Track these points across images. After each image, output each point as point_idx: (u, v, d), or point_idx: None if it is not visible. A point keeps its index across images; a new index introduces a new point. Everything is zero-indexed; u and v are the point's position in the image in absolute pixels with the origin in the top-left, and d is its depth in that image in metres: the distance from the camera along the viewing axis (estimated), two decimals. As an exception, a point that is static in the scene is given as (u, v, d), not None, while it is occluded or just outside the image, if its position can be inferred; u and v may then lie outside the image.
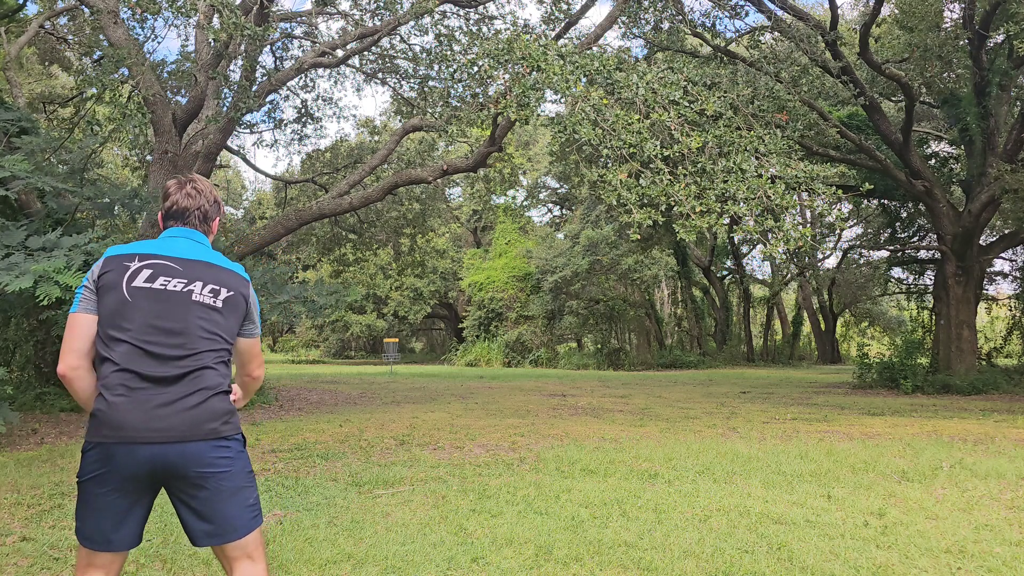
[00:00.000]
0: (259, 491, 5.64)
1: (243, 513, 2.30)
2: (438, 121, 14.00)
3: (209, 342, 2.29)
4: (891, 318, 38.71)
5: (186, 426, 2.19)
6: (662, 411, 11.40)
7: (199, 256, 2.40)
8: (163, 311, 2.25)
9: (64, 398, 10.72)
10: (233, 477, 2.27)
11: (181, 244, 2.41)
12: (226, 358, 2.36)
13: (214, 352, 2.30)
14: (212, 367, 2.28)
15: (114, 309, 2.23)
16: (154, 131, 12.65)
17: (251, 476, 2.37)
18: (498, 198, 33.05)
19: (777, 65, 13.47)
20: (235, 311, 2.40)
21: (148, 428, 2.15)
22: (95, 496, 2.19)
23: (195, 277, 2.33)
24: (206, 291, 2.33)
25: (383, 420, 9.98)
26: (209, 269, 2.38)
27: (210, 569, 3.91)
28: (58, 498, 5.39)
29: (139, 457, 2.14)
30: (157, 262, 2.31)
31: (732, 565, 3.91)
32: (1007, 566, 3.96)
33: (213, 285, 2.35)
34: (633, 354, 29.65)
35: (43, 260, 6.85)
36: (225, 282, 2.39)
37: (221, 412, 2.27)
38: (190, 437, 2.19)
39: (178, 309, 2.27)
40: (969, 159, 16.56)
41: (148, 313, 2.23)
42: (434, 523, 4.70)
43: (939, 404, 12.75)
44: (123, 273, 2.27)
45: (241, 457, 2.33)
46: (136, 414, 2.15)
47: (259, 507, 2.37)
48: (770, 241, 8.13)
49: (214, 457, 2.23)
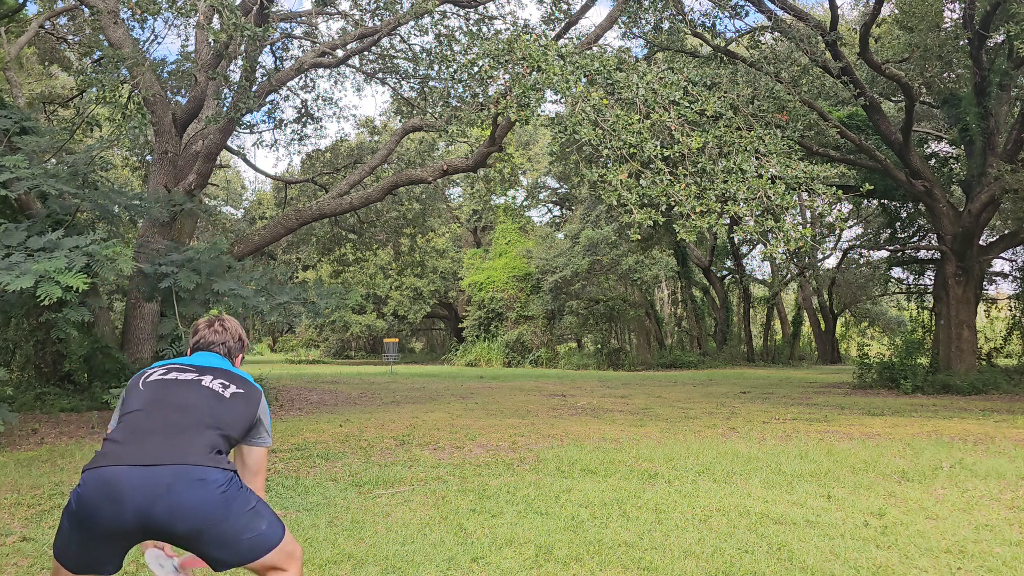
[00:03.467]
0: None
1: (263, 526, 2.35)
2: (438, 121, 14.01)
3: (211, 421, 2.35)
4: (891, 318, 38.70)
5: (167, 477, 2.27)
6: (662, 411, 11.40)
7: (217, 364, 2.60)
8: (172, 392, 2.40)
9: (64, 398, 10.73)
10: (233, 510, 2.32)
11: (203, 357, 2.64)
12: (221, 447, 2.34)
13: (213, 431, 2.33)
14: (203, 446, 2.28)
15: (127, 400, 2.42)
16: (154, 131, 12.65)
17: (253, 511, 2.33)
18: (498, 198, 33.04)
19: (777, 65, 13.46)
20: (243, 407, 2.46)
21: (136, 485, 2.24)
22: (73, 543, 2.34)
23: (206, 373, 2.50)
24: (215, 382, 2.46)
25: (383, 420, 9.98)
26: (224, 372, 2.54)
27: (210, 569, 3.90)
28: (58, 498, 5.38)
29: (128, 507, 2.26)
30: (174, 366, 2.54)
31: (732, 565, 3.91)
32: (1007, 566, 3.96)
33: (223, 380, 2.49)
34: (633, 354, 29.64)
35: (44, 260, 6.85)
36: (237, 382, 2.51)
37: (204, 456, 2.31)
38: (175, 475, 2.29)
39: (186, 391, 2.41)
40: (969, 159, 16.55)
41: (157, 392, 2.40)
42: (434, 523, 4.70)
43: (939, 404, 12.75)
44: (140, 376, 2.49)
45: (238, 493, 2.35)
46: (127, 478, 2.24)
47: (270, 528, 2.36)
48: (770, 241, 8.13)
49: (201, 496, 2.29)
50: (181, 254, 9.48)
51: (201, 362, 2.58)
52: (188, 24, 14.89)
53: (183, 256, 9.42)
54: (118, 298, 12.55)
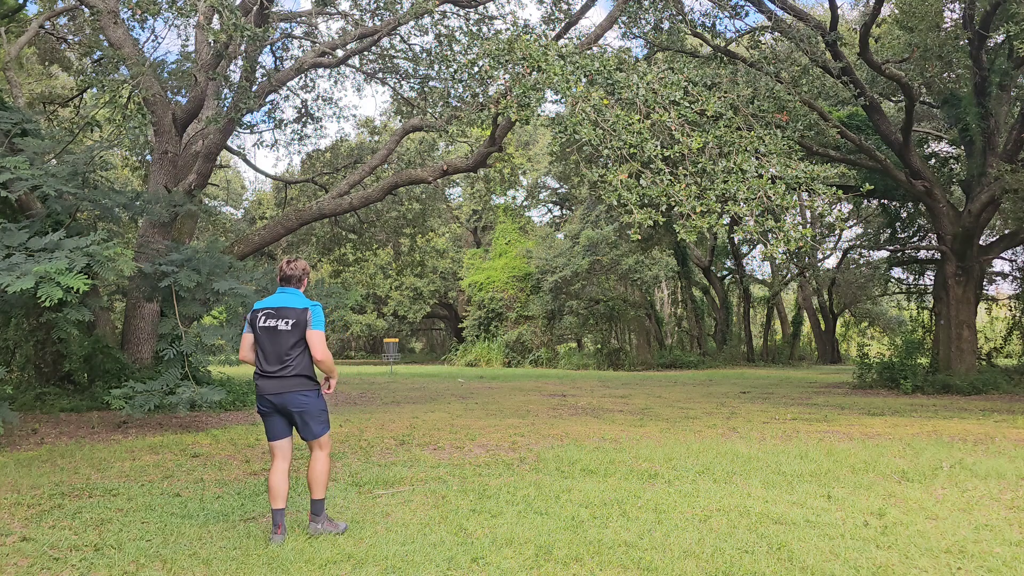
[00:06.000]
0: (259, 491, 5.60)
1: (317, 427, 4.53)
2: (438, 121, 14.01)
3: (291, 348, 4.41)
4: (891, 318, 38.67)
5: (285, 388, 4.40)
6: (662, 411, 11.40)
7: (285, 304, 4.47)
8: (270, 339, 4.44)
9: (64, 398, 10.73)
10: (311, 409, 4.48)
11: (278, 298, 4.53)
12: (300, 351, 4.44)
13: (294, 351, 4.42)
14: (295, 362, 4.42)
15: (256, 336, 4.51)
16: (154, 131, 12.64)
17: (323, 412, 4.54)
18: (498, 198, 33.04)
19: (777, 65, 13.46)
20: (298, 327, 4.42)
21: (272, 392, 4.41)
22: (265, 418, 4.53)
23: (281, 316, 4.44)
24: (282, 323, 4.43)
25: (383, 420, 9.98)
26: (288, 310, 4.44)
27: (210, 569, 3.91)
28: (58, 498, 5.39)
29: (271, 401, 4.44)
30: (266, 310, 4.49)
31: (732, 565, 3.91)
32: (1007, 566, 3.96)
33: (287, 319, 4.42)
34: (633, 354, 29.63)
35: (44, 261, 6.84)
36: (291, 315, 4.42)
37: (299, 382, 4.43)
38: (288, 390, 4.40)
39: (275, 336, 4.43)
40: (969, 159, 16.55)
41: (264, 340, 4.46)
42: (434, 523, 4.70)
43: (939, 404, 12.75)
44: (255, 320, 4.51)
45: (317, 401, 4.49)
46: (267, 386, 4.42)
47: (327, 425, 4.58)
48: (770, 241, 8.12)
49: (300, 400, 4.42)
50: (181, 254, 9.48)
51: (279, 303, 4.46)
52: (188, 24, 14.89)
53: (183, 256, 9.41)
54: (118, 298, 12.54)
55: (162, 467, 6.62)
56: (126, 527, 4.67)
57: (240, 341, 4.66)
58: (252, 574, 3.82)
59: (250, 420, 10.11)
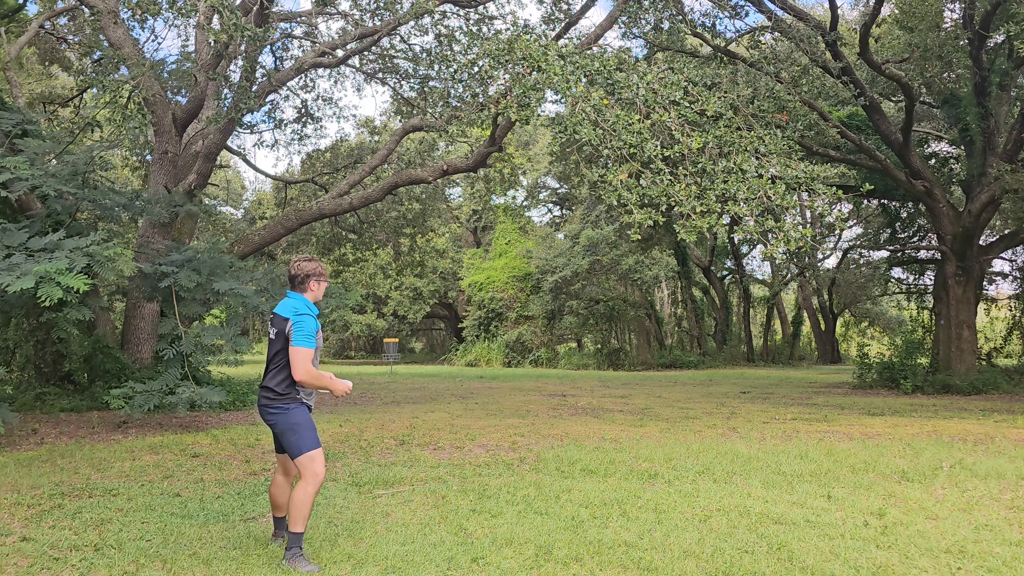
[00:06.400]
0: (259, 491, 5.60)
1: (290, 445, 4.04)
2: (438, 121, 14.01)
3: (274, 358, 4.12)
4: (891, 318, 38.65)
5: (259, 399, 4.15)
6: (662, 411, 11.40)
7: (278, 309, 4.14)
8: (268, 345, 4.22)
9: (64, 398, 10.73)
10: (279, 425, 4.07)
11: (281, 302, 4.23)
12: (280, 364, 4.09)
13: (274, 361, 4.11)
14: (271, 373, 4.12)
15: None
16: (154, 131, 12.64)
17: (294, 427, 4.04)
18: (498, 198, 33.03)
19: (777, 65, 13.45)
20: (280, 337, 4.08)
21: (258, 403, 4.20)
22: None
23: (273, 323, 4.15)
24: (272, 330, 4.14)
25: (383, 420, 9.98)
26: (278, 317, 4.12)
27: (210, 569, 3.91)
28: (58, 498, 5.39)
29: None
30: (271, 316, 4.26)
31: (732, 565, 3.91)
32: (1007, 566, 3.96)
33: (275, 326, 4.13)
34: (633, 354, 29.62)
35: (44, 261, 6.84)
36: (278, 323, 4.11)
37: (265, 394, 4.11)
38: (260, 403, 4.14)
39: (269, 343, 4.18)
40: (969, 159, 16.54)
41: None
42: (434, 523, 4.70)
43: (939, 404, 12.75)
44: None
45: (286, 416, 4.05)
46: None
47: (304, 445, 4.02)
48: (770, 241, 8.13)
49: (268, 413, 4.09)
50: (181, 254, 9.48)
51: (278, 308, 4.16)
52: (188, 24, 14.88)
53: (183, 256, 9.41)
54: (118, 298, 12.54)
55: (162, 467, 6.62)
56: (126, 527, 4.67)
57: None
58: (252, 574, 3.82)
59: (250, 420, 10.11)
